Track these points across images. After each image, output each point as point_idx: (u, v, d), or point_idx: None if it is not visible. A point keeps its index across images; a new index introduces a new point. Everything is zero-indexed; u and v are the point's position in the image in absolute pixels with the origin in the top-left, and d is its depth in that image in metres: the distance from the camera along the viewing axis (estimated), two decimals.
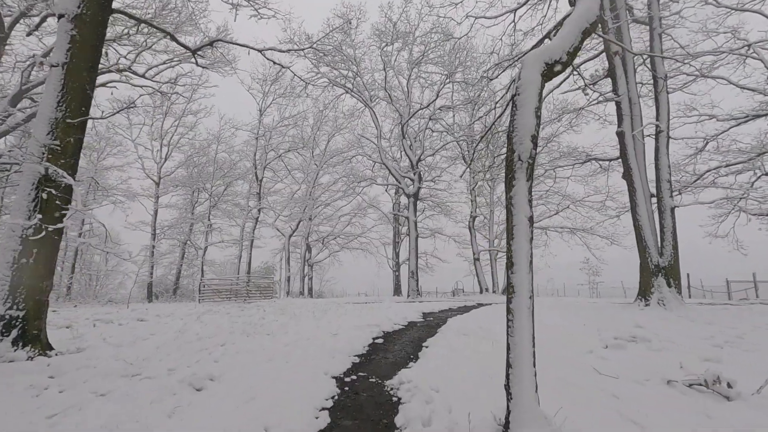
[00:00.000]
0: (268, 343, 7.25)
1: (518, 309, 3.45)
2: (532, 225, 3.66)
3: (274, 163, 34.65)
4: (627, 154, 12.45)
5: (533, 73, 3.76)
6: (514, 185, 3.66)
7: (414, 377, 5.63)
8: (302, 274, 36.44)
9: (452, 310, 13.69)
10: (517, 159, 3.65)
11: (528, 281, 3.51)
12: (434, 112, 22.25)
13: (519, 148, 3.64)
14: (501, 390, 4.96)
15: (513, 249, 3.55)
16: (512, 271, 3.53)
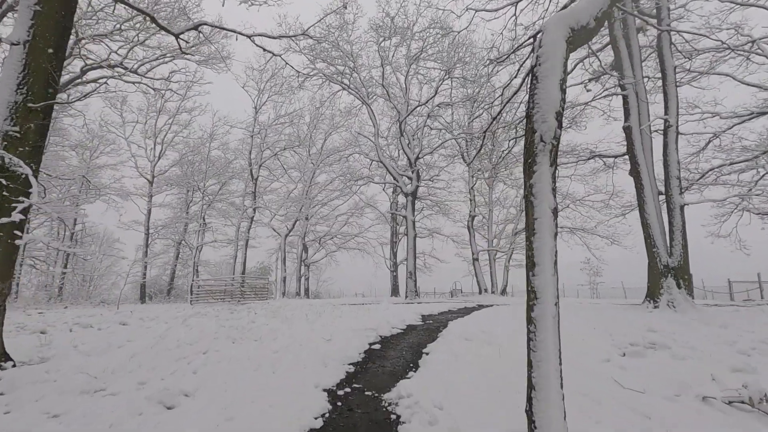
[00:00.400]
0: (255, 351, 6.63)
1: (542, 318, 2.85)
2: (556, 218, 3.07)
3: (270, 161, 33.98)
4: (634, 150, 11.90)
5: (557, 39, 3.17)
6: (535, 171, 3.07)
7: (414, 390, 5.03)
8: (299, 275, 35.78)
9: (452, 312, 13.09)
10: (538, 140, 3.06)
11: (553, 285, 2.91)
12: (433, 110, 21.65)
13: (541, 127, 3.05)
14: (515, 408, 4.36)
15: (535, 246, 2.95)
16: (534, 272, 2.94)
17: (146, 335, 7.57)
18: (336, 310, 12.08)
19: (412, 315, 11.38)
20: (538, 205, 3.00)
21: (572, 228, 29.79)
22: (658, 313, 10.64)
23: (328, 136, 33.01)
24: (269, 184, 35.86)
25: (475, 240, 28.12)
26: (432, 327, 9.66)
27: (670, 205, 11.69)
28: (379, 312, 11.69)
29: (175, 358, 5.98)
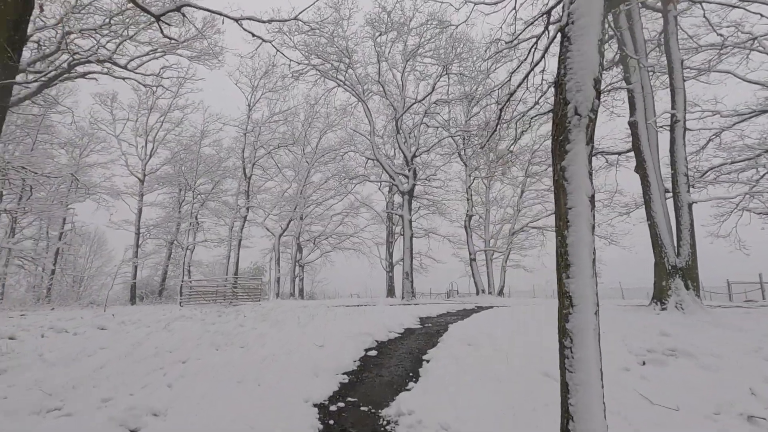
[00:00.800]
0: (240, 359, 6.04)
1: (580, 331, 2.29)
2: (594, 207, 2.51)
3: (264, 160, 33.28)
4: (640, 146, 11.41)
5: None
6: (567, 151, 2.51)
7: (416, 406, 4.46)
8: (293, 275, 35.12)
9: (451, 314, 12.54)
10: (572, 113, 2.50)
11: (593, 289, 2.35)
12: (429, 107, 21.09)
13: (576, 97, 2.50)
14: (534, 431, 3.82)
15: (569, 242, 2.39)
16: (568, 274, 2.37)
17: (123, 341, 6.94)
18: (330, 313, 11.48)
19: (410, 317, 10.81)
20: (573, 192, 2.44)
21: None
22: (667, 315, 10.13)
23: (323, 135, 32.40)
24: (263, 183, 35.16)
25: (472, 240, 27.59)
26: (431, 331, 9.10)
27: (677, 203, 11.19)
28: (375, 314, 11.11)
29: (150, 368, 5.37)
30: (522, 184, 30.43)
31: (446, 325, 9.72)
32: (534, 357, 6.18)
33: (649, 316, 9.98)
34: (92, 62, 22.14)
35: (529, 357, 6.21)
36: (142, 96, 30.74)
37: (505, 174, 25.28)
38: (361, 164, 25.13)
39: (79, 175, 30.90)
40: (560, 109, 2.56)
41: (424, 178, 27.70)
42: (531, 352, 6.51)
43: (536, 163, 29.98)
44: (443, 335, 8.20)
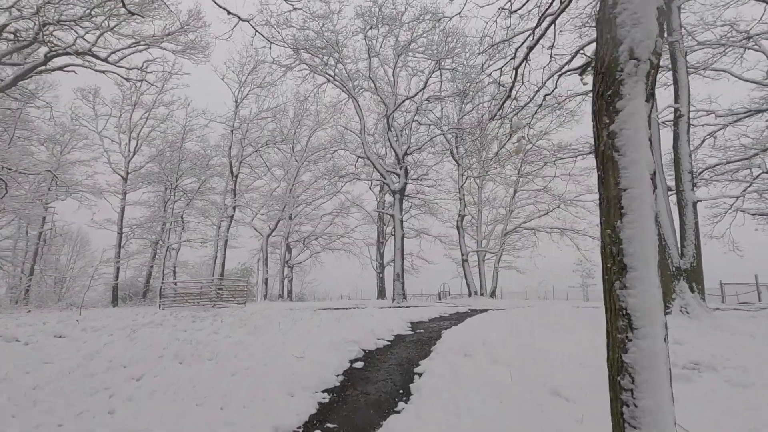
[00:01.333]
0: (207, 374, 5.24)
1: (648, 367, 1.59)
2: (656, 188, 1.79)
3: (252, 158, 32.34)
4: None
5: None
6: (619, 110, 1.81)
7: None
8: (282, 276, 34.20)
9: (444, 319, 11.82)
10: (626, 57, 1.79)
11: (660, 304, 1.62)
12: (422, 104, 20.40)
13: (632, 34, 1.78)
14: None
15: (624, 237, 1.70)
16: (625, 282, 1.68)
17: (76, 353, 6.09)
18: (315, 317, 10.69)
19: (400, 322, 10.07)
20: (628, 167, 1.72)
21: (562, 229, 28.89)
22: (672, 320, 9.51)
23: (313, 133, 31.55)
24: (252, 183, 34.23)
25: (464, 241, 26.96)
26: (423, 337, 8.36)
27: (681, 202, 10.60)
28: (362, 319, 10.35)
29: (96, 388, 4.55)
30: (515, 184, 29.91)
31: (439, 331, 8.99)
32: (537, 369, 5.49)
33: None
34: (71, 54, 21.10)
35: (532, 369, 5.51)
36: (125, 91, 29.66)
37: (505, 162, 24.57)
38: (351, 162, 24.38)
39: (60, 172, 29.75)
40: (607, 52, 1.85)
41: (415, 177, 27.04)
42: (533, 362, 5.81)
43: (529, 162, 29.50)
44: (436, 343, 7.46)
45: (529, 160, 28.47)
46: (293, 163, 31.96)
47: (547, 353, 6.30)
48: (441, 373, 5.59)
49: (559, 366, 5.72)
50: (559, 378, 5.12)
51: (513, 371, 5.46)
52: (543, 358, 6.18)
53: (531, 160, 29.04)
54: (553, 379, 5.07)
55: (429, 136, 21.44)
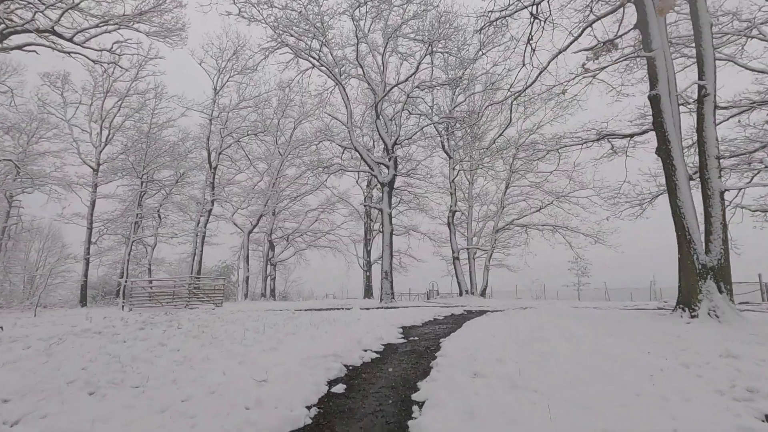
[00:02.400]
0: (121, 413, 3.67)
1: None
2: None
3: (233, 151, 30.52)
4: (664, 123, 9.52)
5: None
6: None
7: None
8: (264, 274, 32.46)
9: (439, 322, 10.38)
10: None
11: None
12: (413, 90, 18.94)
13: None
14: None
15: None
16: None
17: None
18: (291, 321, 9.14)
19: (391, 329, 8.58)
20: None
21: (555, 226, 27.75)
22: (701, 325, 8.21)
23: (297, 125, 29.87)
24: (233, 176, 32.40)
25: (455, 237, 25.61)
26: (419, 348, 6.88)
27: (706, 191, 9.33)
28: (347, 324, 8.84)
29: None
30: (506, 179, 28.70)
31: (437, 339, 7.53)
32: (579, 399, 4.07)
33: (682, 327, 8.03)
34: (31, 32, 19.22)
35: (571, 398, 4.08)
36: (97, 78, 27.58)
37: (500, 152, 23.31)
38: (337, 155, 22.75)
39: (26, 163, 27.59)
40: None
41: (404, 173, 25.56)
42: (567, 387, 4.39)
43: (521, 157, 28.30)
44: (436, 357, 5.98)
45: (530, 148, 27.29)
46: (277, 155, 30.26)
47: (579, 373, 4.88)
48: (447, 402, 4.11)
49: (599, 390, 4.30)
50: (611, 413, 3.70)
51: (539, 399, 4.01)
52: (574, 376, 4.76)
53: (522, 155, 27.88)
54: (603, 417, 3.63)
55: (419, 127, 19.93)
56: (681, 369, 5.04)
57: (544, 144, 13.22)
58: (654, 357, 5.72)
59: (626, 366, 5.19)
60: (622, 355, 5.84)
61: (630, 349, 6.15)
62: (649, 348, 6.22)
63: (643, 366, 5.12)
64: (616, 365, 5.23)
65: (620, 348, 6.25)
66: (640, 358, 5.68)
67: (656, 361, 5.36)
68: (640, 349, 6.18)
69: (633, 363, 5.36)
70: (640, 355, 5.84)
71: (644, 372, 4.89)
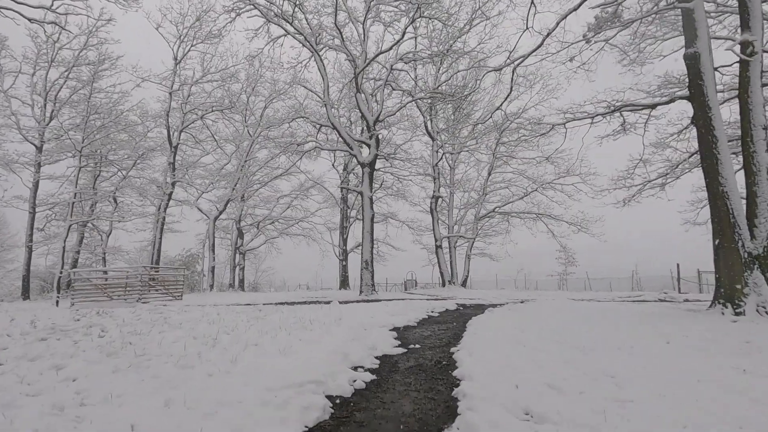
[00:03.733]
0: None
1: None
2: None
3: (198, 131, 27.74)
4: (704, 87, 8.01)
5: None
6: None
7: None
8: (233, 264, 30.02)
9: (435, 321, 8.65)
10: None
11: None
12: (397, 61, 16.97)
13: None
14: None
15: None
16: None
17: None
18: (256, 324, 7.17)
19: (382, 332, 6.75)
20: None
21: (538, 214, 26.56)
22: (751, 324, 6.78)
23: (269, 103, 27.34)
24: (198, 158, 29.55)
25: (438, 224, 24.00)
26: (426, 362, 5.07)
27: (750, 167, 7.89)
28: (327, 326, 6.95)
29: None
30: (489, 166, 27.25)
31: (444, 348, 5.77)
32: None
33: (737, 329, 6.56)
34: None
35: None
36: (40, 45, 24.21)
37: (482, 136, 21.78)
38: (312, 134, 20.55)
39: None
40: None
41: (384, 157, 23.55)
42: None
43: (504, 143, 26.88)
44: (458, 383, 4.17)
45: (504, 141, 25.86)
46: (246, 136, 27.71)
47: (688, 412, 3.19)
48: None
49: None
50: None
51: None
52: (683, 417, 3.07)
53: (505, 140, 26.44)
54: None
55: (402, 104, 17.96)
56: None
57: (553, 119, 11.54)
58: (754, 377, 4.12)
59: (737, 393, 3.55)
60: (709, 373, 4.21)
61: (713, 366, 4.54)
62: (734, 362, 4.63)
63: (760, 392, 3.49)
64: (727, 395, 3.57)
65: (698, 362, 4.63)
66: (738, 379, 4.06)
67: (728, 373, 3.79)
68: (724, 363, 4.58)
69: (740, 388, 3.72)
70: (734, 374, 4.22)
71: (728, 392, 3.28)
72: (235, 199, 28.37)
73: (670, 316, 7.97)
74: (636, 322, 7.31)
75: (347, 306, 11.15)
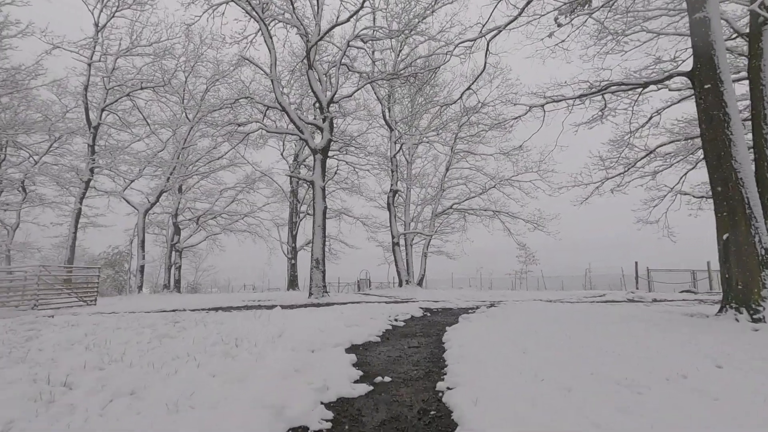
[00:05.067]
0: None
1: None
2: None
3: (129, 113, 24.24)
4: (714, 57, 6.84)
5: None
6: None
7: None
8: (169, 263, 26.73)
9: (403, 333, 6.89)
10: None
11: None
12: (354, 37, 15.05)
13: None
14: None
15: None
16: None
17: None
18: (159, 348, 5.06)
19: (335, 353, 4.89)
20: None
21: (496, 211, 25.68)
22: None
23: (211, 86, 24.39)
24: (129, 144, 25.93)
25: (395, 220, 22.35)
26: (405, 413, 3.25)
27: (764, 153, 6.83)
28: (261, 347, 4.96)
29: None
30: (447, 161, 26.06)
31: (423, 378, 4.02)
32: None
33: (749, 336, 5.34)
34: None
35: None
36: None
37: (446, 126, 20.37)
38: (259, 120, 18.06)
39: None
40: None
41: (337, 141, 21.50)
42: None
43: (463, 138, 25.80)
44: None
45: (463, 136, 24.80)
46: (185, 121, 24.59)
47: None
48: None
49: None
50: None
51: None
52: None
53: (464, 135, 25.36)
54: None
55: (360, 84, 16.05)
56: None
57: (533, 100, 10.12)
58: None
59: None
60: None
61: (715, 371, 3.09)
62: (742, 377, 3.21)
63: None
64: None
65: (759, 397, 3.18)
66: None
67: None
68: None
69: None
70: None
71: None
72: (171, 190, 25.17)
73: (676, 323, 6.70)
74: (645, 330, 5.94)
75: (293, 313, 9.13)
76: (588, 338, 5.42)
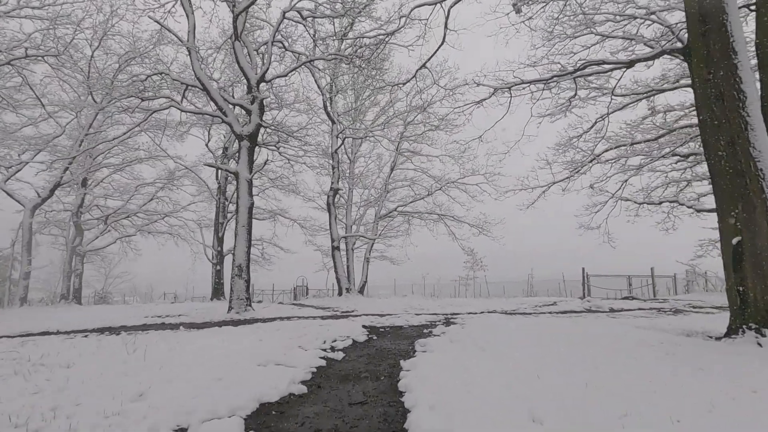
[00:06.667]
0: None
1: None
2: None
3: (16, 89, 19.89)
4: (726, 23, 5.57)
5: None
6: None
7: None
8: (69, 269, 22.39)
9: (337, 372, 4.86)
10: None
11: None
12: (291, 8, 12.76)
13: None
14: None
15: None
16: None
17: None
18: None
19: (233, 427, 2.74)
20: None
21: (441, 215, 24.39)
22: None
23: (125, 65, 20.73)
24: (19, 129, 21.42)
25: (335, 221, 20.19)
26: None
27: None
28: None
29: None
30: (392, 161, 24.43)
31: None
32: None
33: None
34: None
35: None
36: None
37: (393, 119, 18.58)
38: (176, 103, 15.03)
39: None
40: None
41: (267, 126, 18.73)
42: None
43: (409, 137, 24.31)
44: None
45: (409, 135, 23.33)
46: (90, 104, 20.71)
47: None
48: None
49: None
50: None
51: None
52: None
53: (410, 135, 23.93)
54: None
55: (297, 64, 13.70)
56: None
57: (499, 83, 8.54)
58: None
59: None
60: None
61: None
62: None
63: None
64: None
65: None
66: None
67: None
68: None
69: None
70: None
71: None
72: (71, 183, 21.09)
73: (691, 352, 5.22)
74: (672, 369, 4.37)
75: (193, 338, 6.70)
76: (609, 384, 3.70)
